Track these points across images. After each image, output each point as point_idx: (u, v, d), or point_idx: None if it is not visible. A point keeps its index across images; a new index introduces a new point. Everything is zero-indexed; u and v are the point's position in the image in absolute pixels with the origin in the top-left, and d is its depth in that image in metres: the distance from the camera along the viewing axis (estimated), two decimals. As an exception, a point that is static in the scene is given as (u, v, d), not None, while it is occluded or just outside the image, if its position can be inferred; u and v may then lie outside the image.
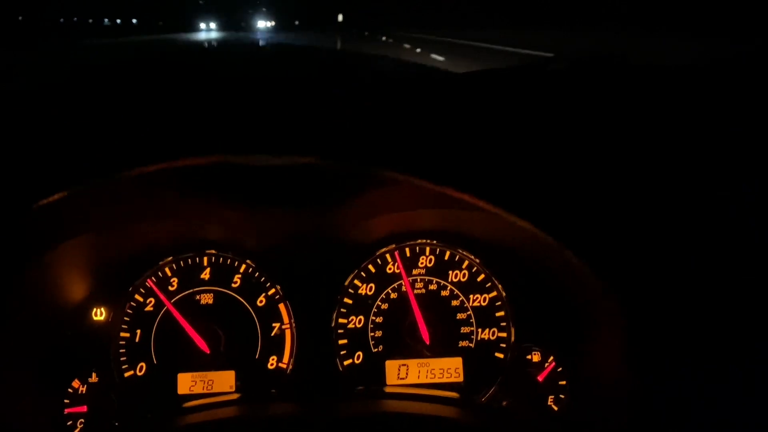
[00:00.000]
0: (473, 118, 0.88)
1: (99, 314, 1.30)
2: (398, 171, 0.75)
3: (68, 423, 1.27)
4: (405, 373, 1.33)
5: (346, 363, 1.33)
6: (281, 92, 0.81)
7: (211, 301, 1.33)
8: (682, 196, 0.86)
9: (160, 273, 1.32)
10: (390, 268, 1.35)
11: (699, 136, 0.92)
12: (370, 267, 1.35)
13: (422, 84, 0.94)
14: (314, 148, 0.78)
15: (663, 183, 0.86)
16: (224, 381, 1.31)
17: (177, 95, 0.83)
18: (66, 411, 1.27)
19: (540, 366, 1.32)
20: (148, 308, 1.32)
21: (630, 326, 0.82)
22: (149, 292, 1.32)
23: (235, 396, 1.29)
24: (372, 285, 1.35)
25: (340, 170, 0.86)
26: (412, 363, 1.33)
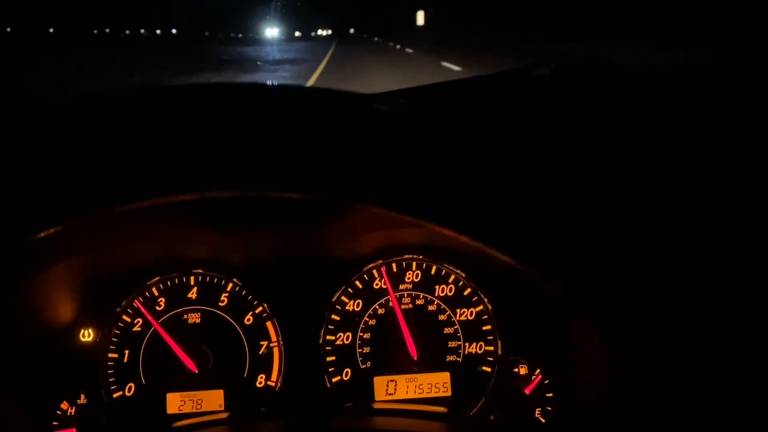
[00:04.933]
0: (457, 136, 0.89)
1: (87, 335, 1.30)
2: (380, 207, 0.76)
3: (57, 445, 1.27)
4: (393, 389, 1.33)
5: (334, 380, 1.33)
6: (265, 126, 0.82)
7: (198, 321, 1.33)
8: (665, 202, 0.87)
9: (147, 293, 1.32)
10: (377, 284, 1.36)
11: (687, 142, 0.93)
12: (357, 283, 1.35)
13: (402, 105, 0.95)
14: (297, 185, 0.79)
15: (646, 190, 0.87)
16: (213, 400, 1.31)
17: (165, 129, 0.83)
18: (54, 433, 1.27)
19: (527, 379, 1.33)
20: (136, 329, 1.32)
21: (608, 341, 0.83)
22: (137, 313, 1.32)
23: (224, 415, 1.29)
24: (359, 301, 1.35)
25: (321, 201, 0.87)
26: (401, 378, 1.33)
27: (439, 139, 0.81)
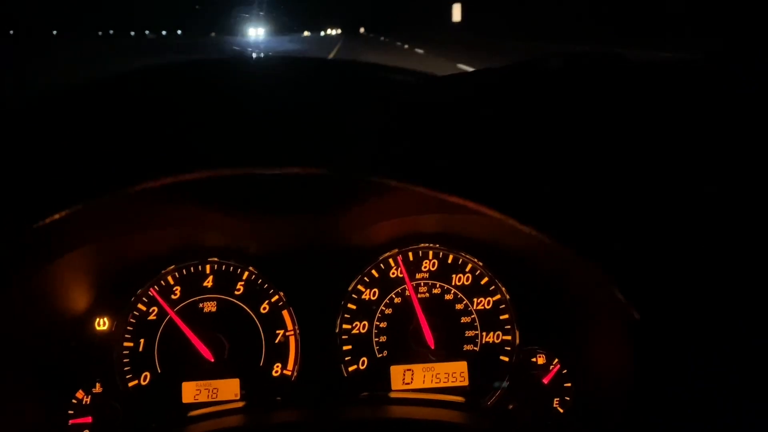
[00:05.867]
0: (474, 121, 0.88)
1: (102, 324, 1.30)
2: (407, 182, 0.75)
3: (73, 434, 1.26)
4: (410, 378, 1.32)
5: (350, 369, 1.32)
6: (279, 102, 0.81)
7: (214, 309, 1.32)
8: (690, 194, 0.85)
9: (162, 282, 1.32)
10: (393, 273, 1.35)
11: (702, 130, 0.92)
12: (374, 272, 1.34)
13: (420, 88, 0.94)
14: (316, 160, 0.77)
15: (669, 181, 0.86)
16: (229, 389, 1.30)
17: (179, 107, 0.82)
18: (70, 422, 1.26)
19: (545, 368, 1.32)
20: (152, 317, 1.31)
21: (639, 329, 0.82)
22: (152, 301, 1.31)
23: (240, 404, 1.29)
24: (375, 290, 1.34)
25: (342, 178, 0.85)
26: (417, 368, 1.32)
27: (485, 122, 0.80)
